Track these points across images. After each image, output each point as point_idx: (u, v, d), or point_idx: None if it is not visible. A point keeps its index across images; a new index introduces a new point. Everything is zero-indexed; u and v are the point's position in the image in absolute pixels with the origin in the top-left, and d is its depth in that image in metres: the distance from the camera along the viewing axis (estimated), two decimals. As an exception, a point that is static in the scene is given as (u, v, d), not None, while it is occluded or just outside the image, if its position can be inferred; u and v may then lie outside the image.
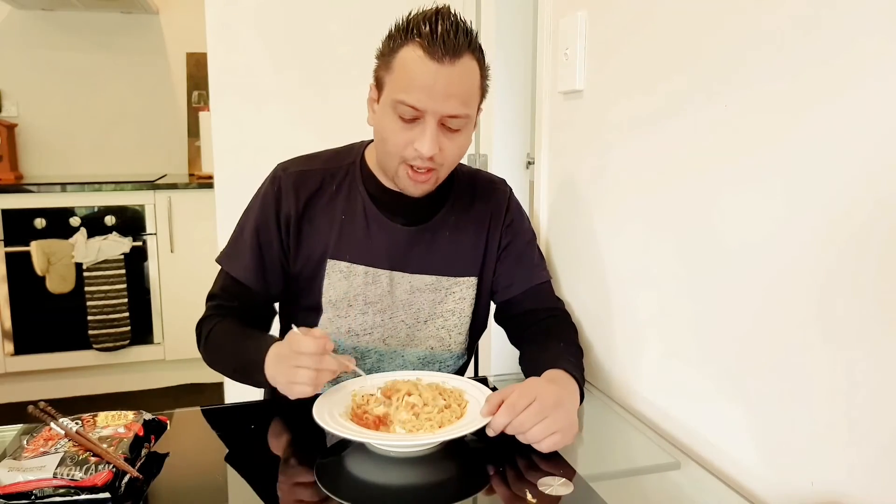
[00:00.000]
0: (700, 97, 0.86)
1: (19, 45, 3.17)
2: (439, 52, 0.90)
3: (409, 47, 0.92)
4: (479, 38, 0.99)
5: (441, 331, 1.10)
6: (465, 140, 1.00)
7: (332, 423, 0.83)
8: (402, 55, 0.93)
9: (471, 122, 0.99)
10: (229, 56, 1.83)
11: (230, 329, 1.03)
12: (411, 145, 0.94)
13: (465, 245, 1.10)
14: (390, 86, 0.94)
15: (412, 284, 1.08)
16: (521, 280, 1.13)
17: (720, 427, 0.86)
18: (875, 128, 0.62)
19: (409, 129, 0.94)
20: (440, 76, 0.90)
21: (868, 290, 0.64)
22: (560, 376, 0.93)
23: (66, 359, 2.85)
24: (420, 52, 0.91)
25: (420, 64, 0.91)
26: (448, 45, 0.90)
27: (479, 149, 1.95)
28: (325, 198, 1.06)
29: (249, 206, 1.10)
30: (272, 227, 1.05)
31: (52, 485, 0.72)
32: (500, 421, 0.83)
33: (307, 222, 1.06)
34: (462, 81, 0.93)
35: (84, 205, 2.81)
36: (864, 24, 0.63)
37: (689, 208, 0.89)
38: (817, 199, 0.69)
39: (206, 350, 1.05)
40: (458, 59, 0.91)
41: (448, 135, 0.96)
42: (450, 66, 0.91)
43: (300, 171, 1.07)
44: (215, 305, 1.08)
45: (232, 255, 1.09)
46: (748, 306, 0.79)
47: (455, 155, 0.99)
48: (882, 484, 0.64)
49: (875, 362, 0.64)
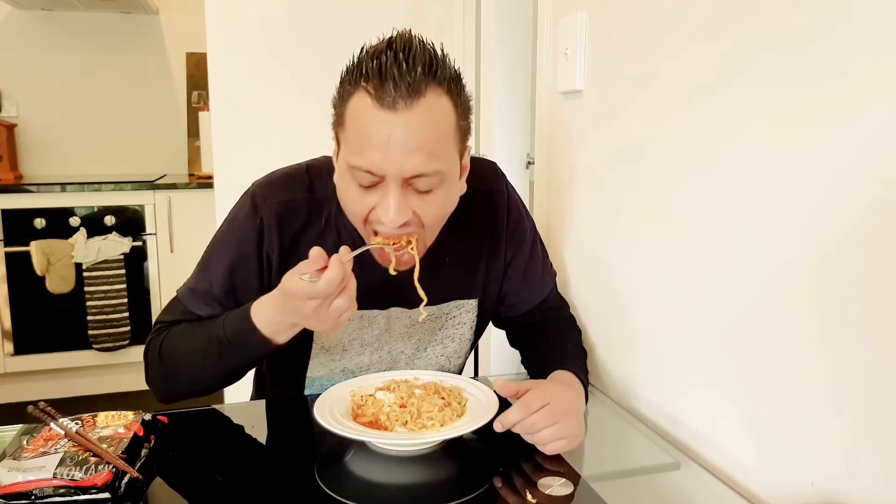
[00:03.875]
0: (700, 97, 0.86)
1: (19, 45, 3.17)
2: (390, 97, 0.73)
3: (358, 95, 0.76)
4: (456, 64, 0.80)
5: (441, 358, 1.05)
6: (446, 198, 0.82)
7: (333, 422, 0.83)
8: (351, 106, 0.77)
9: (448, 178, 0.81)
10: (229, 56, 1.83)
11: (187, 326, 0.90)
12: (374, 211, 0.80)
13: (465, 267, 1.00)
14: (344, 145, 0.80)
15: (411, 318, 0.99)
16: (531, 296, 1.07)
17: (720, 427, 0.86)
18: (876, 127, 0.63)
19: (370, 194, 0.79)
20: (395, 128, 0.74)
21: (868, 290, 0.64)
22: (569, 379, 0.93)
23: (66, 359, 2.85)
24: (368, 101, 0.74)
25: (370, 116, 0.75)
26: (401, 85, 0.73)
27: (479, 149, 1.95)
28: (312, 234, 0.92)
29: (221, 235, 0.94)
30: (251, 267, 0.91)
31: (52, 485, 0.72)
32: (511, 418, 0.82)
33: (293, 263, 0.86)
34: (425, 129, 0.75)
35: (84, 205, 2.81)
36: (864, 24, 0.63)
37: (690, 208, 0.89)
38: (818, 199, 0.69)
39: (164, 362, 0.90)
40: (416, 99, 0.74)
41: (420, 196, 0.80)
42: (406, 111, 0.74)
43: (285, 203, 0.90)
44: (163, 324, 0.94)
45: (198, 293, 0.93)
46: (748, 306, 0.79)
47: (436, 216, 0.83)
48: (882, 484, 0.64)
49: (875, 362, 0.64)
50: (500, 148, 1.91)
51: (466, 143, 0.84)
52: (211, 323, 0.89)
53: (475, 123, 1.98)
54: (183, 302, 0.94)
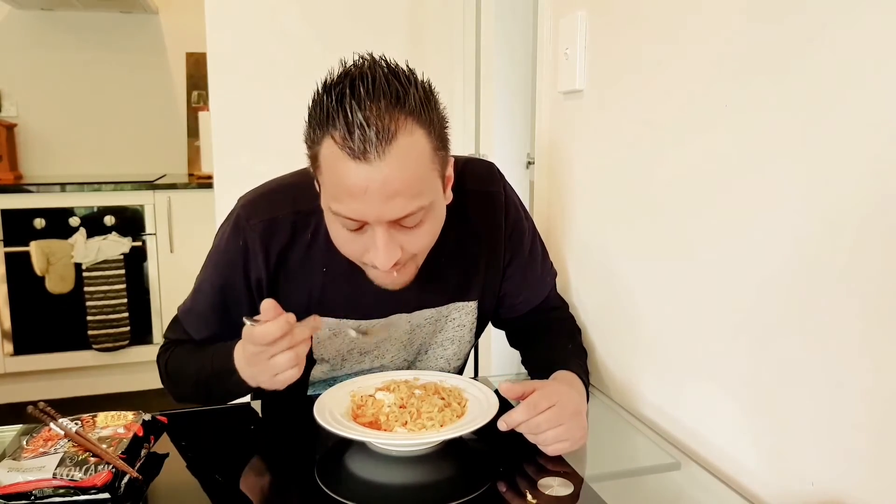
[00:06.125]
0: (700, 97, 0.86)
1: (19, 45, 3.17)
2: (360, 148, 0.71)
3: (327, 143, 0.74)
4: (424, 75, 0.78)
5: (440, 360, 1.06)
6: (433, 225, 0.82)
7: (333, 423, 0.83)
8: (323, 153, 0.75)
9: (434, 206, 0.80)
10: (229, 56, 1.83)
11: (190, 349, 0.96)
12: (367, 253, 0.80)
13: (463, 268, 1.00)
14: (324, 190, 0.80)
15: (411, 323, 0.99)
16: (530, 297, 1.08)
17: (720, 427, 0.86)
18: (877, 127, 0.62)
19: (358, 236, 0.80)
20: (371, 178, 0.72)
21: (869, 290, 0.64)
22: (572, 379, 0.93)
23: (66, 359, 2.85)
24: (338, 151, 0.72)
25: (343, 168, 0.73)
26: (370, 133, 0.70)
27: (479, 149, 1.95)
28: (299, 249, 0.91)
29: (211, 257, 0.95)
30: (240, 289, 0.91)
31: (52, 485, 0.72)
32: (516, 417, 0.81)
33: (283, 279, 0.91)
34: (400, 173, 0.73)
35: (83, 205, 2.81)
36: (865, 24, 0.63)
37: (690, 208, 0.89)
38: (820, 200, 0.69)
39: (169, 377, 0.98)
40: (388, 144, 0.71)
41: (408, 231, 0.79)
42: (379, 161, 0.71)
43: (268, 221, 0.89)
44: (172, 340, 1.01)
45: (192, 313, 0.96)
46: (748, 306, 0.79)
47: (426, 244, 0.83)
48: (882, 484, 0.64)
49: (875, 362, 0.64)
50: (500, 148, 1.91)
51: (447, 158, 0.82)
52: (204, 353, 0.92)
53: (475, 123, 1.99)
54: (181, 322, 0.98)
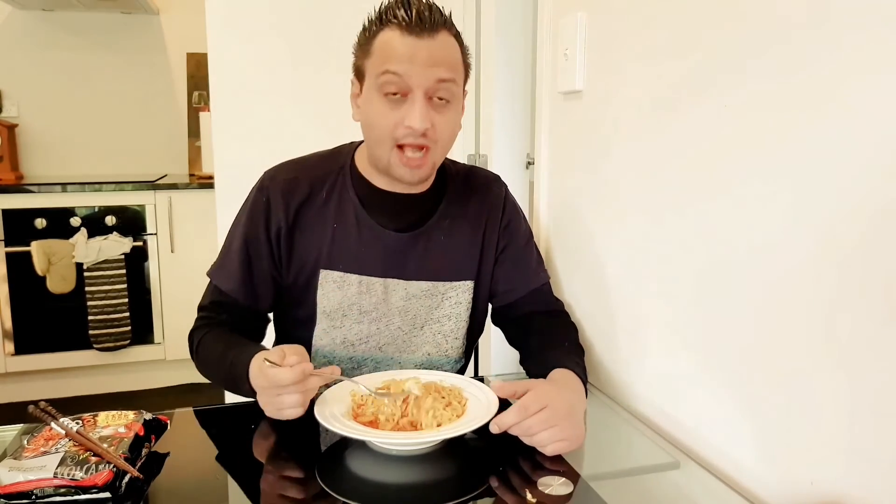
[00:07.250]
0: (700, 97, 0.86)
1: (19, 45, 3.17)
2: (417, 29, 0.91)
3: (386, 31, 0.92)
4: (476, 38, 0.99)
5: (437, 336, 1.09)
6: (455, 116, 0.98)
7: (334, 422, 0.83)
8: (379, 39, 0.93)
9: (459, 96, 0.98)
10: (229, 56, 1.83)
11: (218, 338, 1.01)
12: (401, 124, 0.92)
13: (460, 248, 1.08)
14: (371, 68, 0.94)
15: (408, 291, 1.06)
16: (521, 284, 1.12)
17: (720, 427, 0.86)
18: (881, 128, 0.63)
19: (397, 108, 0.93)
20: (421, 48, 0.91)
21: (869, 290, 0.64)
22: (568, 377, 0.93)
23: (67, 359, 2.85)
24: (398, 32, 0.91)
25: (400, 40, 0.91)
26: (425, 22, 0.91)
27: (479, 149, 1.95)
28: (315, 206, 1.03)
29: (238, 216, 1.07)
30: (262, 239, 1.03)
31: (53, 484, 0.72)
32: (507, 420, 0.82)
33: (298, 232, 1.03)
34: (444, 52, 0.93)
35: (84, 205, 2.81)
36: (865, 24, 0.63)
37: (690, 208, 0.89)
38: (821, 200, 0.69)
39: (198, 360, 1.05)
40: (436, 33, 0.92)
41: (437, 110, 0.94)
42: (429, 39, 0.91)
43: (288, 180, 1.04)
44: (205, 316, 1.06)
45: (221, 269, 1.06)
46: (748, 306, 0.79)
47: (447, 133, 0.97)
48: (882, 484, 0.64)
49: (875, 362, 0.64)
50: (500, 148, 1.91)
51: (466, 76, 1.00)
52: (227, 353, 0.97)
53: (475, 124, 1.99)
54: (211, 278, 1.07)
